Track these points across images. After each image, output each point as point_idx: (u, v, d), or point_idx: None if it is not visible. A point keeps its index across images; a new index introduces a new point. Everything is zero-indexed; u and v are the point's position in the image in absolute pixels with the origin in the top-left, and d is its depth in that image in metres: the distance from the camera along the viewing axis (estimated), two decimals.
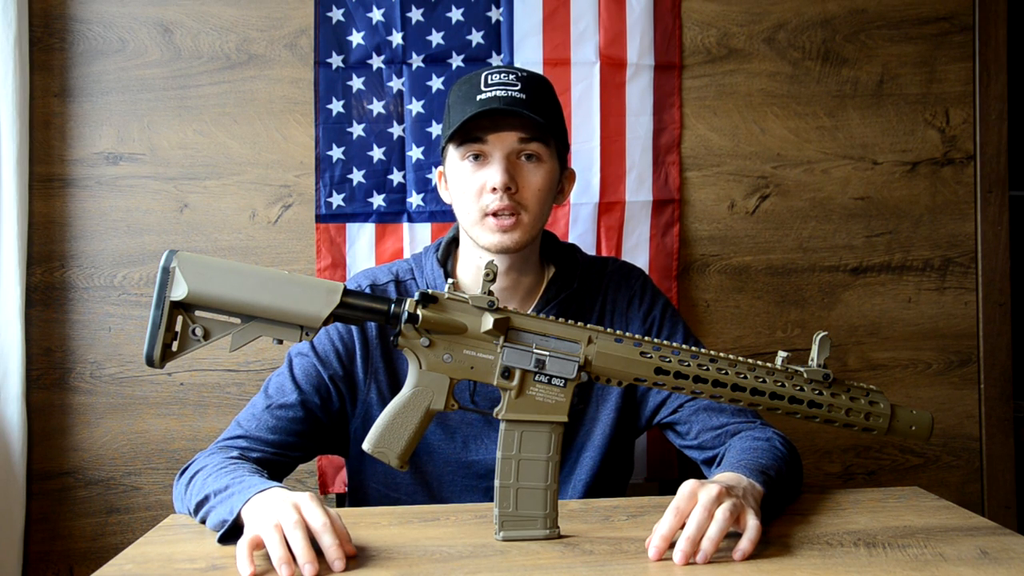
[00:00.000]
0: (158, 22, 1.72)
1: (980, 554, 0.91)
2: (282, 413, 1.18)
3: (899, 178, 1.85)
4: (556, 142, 1.21)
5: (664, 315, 1.30)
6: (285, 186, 1.74)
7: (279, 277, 0.93)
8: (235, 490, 0.97)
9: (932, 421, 1.00)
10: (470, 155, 1.18)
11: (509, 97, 1.15)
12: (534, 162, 1.18)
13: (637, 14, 1.76)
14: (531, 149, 1.18)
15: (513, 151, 1.17)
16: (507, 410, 0.96)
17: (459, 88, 1.21)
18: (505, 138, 1.16)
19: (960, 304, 1.86)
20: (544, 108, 1.18)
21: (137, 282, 1.72)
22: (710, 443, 1.21)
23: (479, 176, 1.17)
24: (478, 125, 1.16)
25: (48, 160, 1.71)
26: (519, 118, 1.15)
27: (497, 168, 1.16)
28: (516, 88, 1.16)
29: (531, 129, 1.17)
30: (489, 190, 1.16)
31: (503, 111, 1.14)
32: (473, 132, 1.16)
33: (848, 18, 1.83)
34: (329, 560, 0.86)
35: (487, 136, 1.16)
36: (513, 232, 1.17)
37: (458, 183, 1.20)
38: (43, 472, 1.70)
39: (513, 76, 1.18)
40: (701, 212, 1.81)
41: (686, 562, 0.87)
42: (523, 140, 1.17)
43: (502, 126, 1.16)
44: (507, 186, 1.15)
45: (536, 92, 1.18)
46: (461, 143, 1.18)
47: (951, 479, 1.86)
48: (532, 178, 1.18)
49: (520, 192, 1.17)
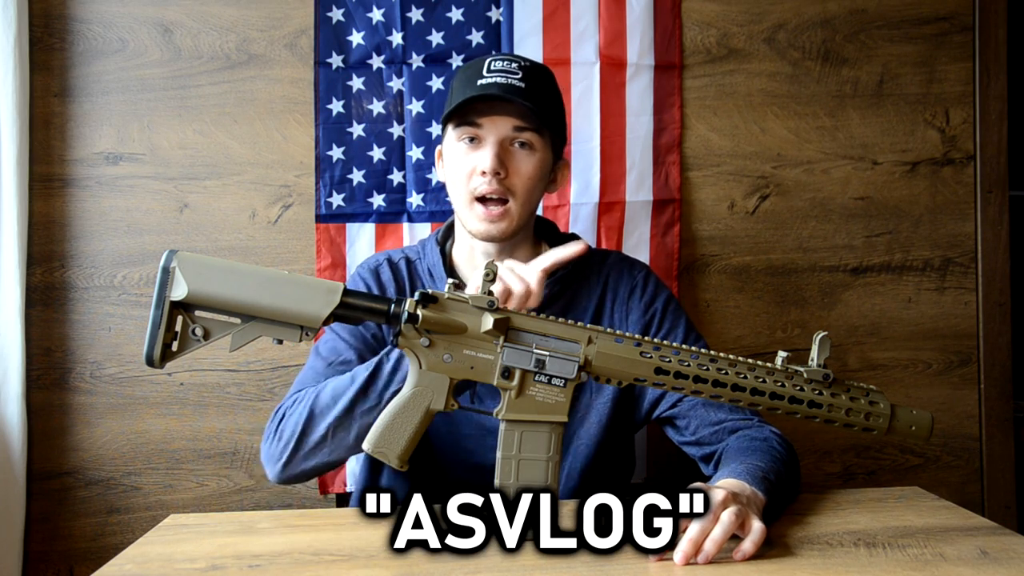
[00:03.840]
0: (158, 22, 1.72)
1: (980, 554, 0.91)
2: (344, 368, 1.19)
3: (899, 178, 1.85)
4: (551, 132, 1.23)
5: (666, 309, 1.30)
6: (285, 186, 1.74)
7: (279, 277, 0.93)
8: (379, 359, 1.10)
9: (932, 421, 1.00)
10: (465, 137, 1.21)
11: (508, 84, 1.17)
12: (526, 150, 1.21)
13: (637, 14, 1.76)
14: (524, 137, 1.20)
15: (507, 137, 1.20)
16: (507, 410, 0.96)
17: (464, 71, 1.24)
18: (499, 123, 1.19)
19: (960, 304, 1.86)
20: (542, 98, 1.20)
21: (137, 282, 1.72)
22: (708, 439, 1.21)
23: (471, 158, 1.20)
24: (475, 108, 1.19)
25: (48, 160, 1.71)
26: (514, 105, 1.18)
27: (489, 152, 1.18)
28: (517, 76, 1.19)
29: (526, 117, 1.19)
30: (479, 173, 1.19)
31: (500, 97, 1.17)
32: (469, 115, 1.19)
33: (848, 18, 1.83)
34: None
35: (482, 120, 1.19)
36: (500, 222, 1.20)
37: (452, 163, 1.23)
38: (43, 472, 1.70)
39: (515, 64, 1.21)
40: (701, 212, 1.81)
41: (687, 562, 0.87)
42: (517, 128, 1.19)
43: (497, 111, 1.19)
44: (496, 171, 1.18)
45: (536, 82, 1.20)
46: (457, 124, 1.21)
47: (951, 479, 1.86)
48: (522, 165, 1.21)
49: (509, 178, 1.20)
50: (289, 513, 1.09)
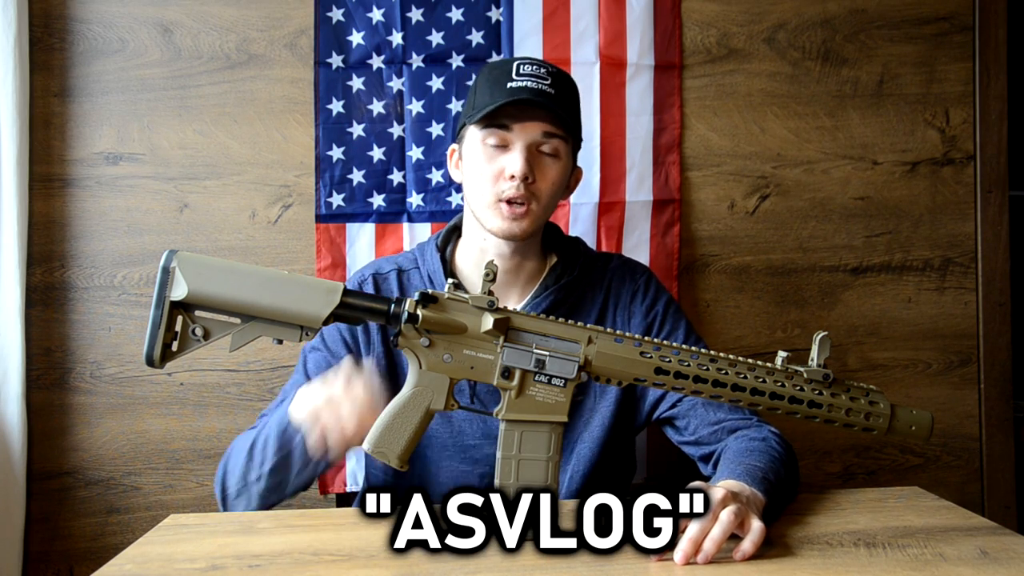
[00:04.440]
0: (158, 22, 1.72)
1: (980, 554, 0.91)
2: None
3: (899, 178, 1.85)
4: (574, 141, 1.24)
5: (667, 311, 1.30)
6: (285, 186, 1.74)
7: (279, 277, 0.93)
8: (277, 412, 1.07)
9: (932, 421, 1.00)
10: (492, 139, 1.20)
11: (539, 89, 1.18)
12: (552, 157, 1.21)
13: (637, 14, 1.76)
14: (552, 144, 1.20)
15: (535, 143, 1.20)
16: (507, 410, 0.96)
17: (489, 72, 1.23)
18: (530, 128, 1.19)
19: (960, 304, 1.86)
20: (569, 106, 1.21)
21: (137, 282, 1.72)
22: (707, 439, 1.21)
23: (499, 162, 1.20)
24: (505, 112, 1.18)
25: (48, 160, 1.71)
26: (546, 111, 1.18)
27: (519, 157, 1.18)
28: (547, 82, 1.19)
29: (556, 124, 1.19)
30: (507, 177, 1.18)
31: (533, 102, 1.16)
32: (499, 118, 1.19)
33: (848, 18, 1.83)
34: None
35: (513, 124, 1.19)
36: (522, 220, 1.20)
37: (474, 165, 1.22)
38: (43, 472, 1.70)
39: (544, 70, 1.21)
40: (701, 212, 1.81)
41: (687, 562, 0.87)
42: (547, 134, 1.19)
43: (529, 116, 1.18)
44: (526, 176, 1.18)
45: (564, 89, 1.21)
46: (485, 126, 1.20)
47: (951, 479, 1.86)
48: (549, 172, 1.21)
49: (536, 183, 1.20)
50: (289, 513, 1.09)
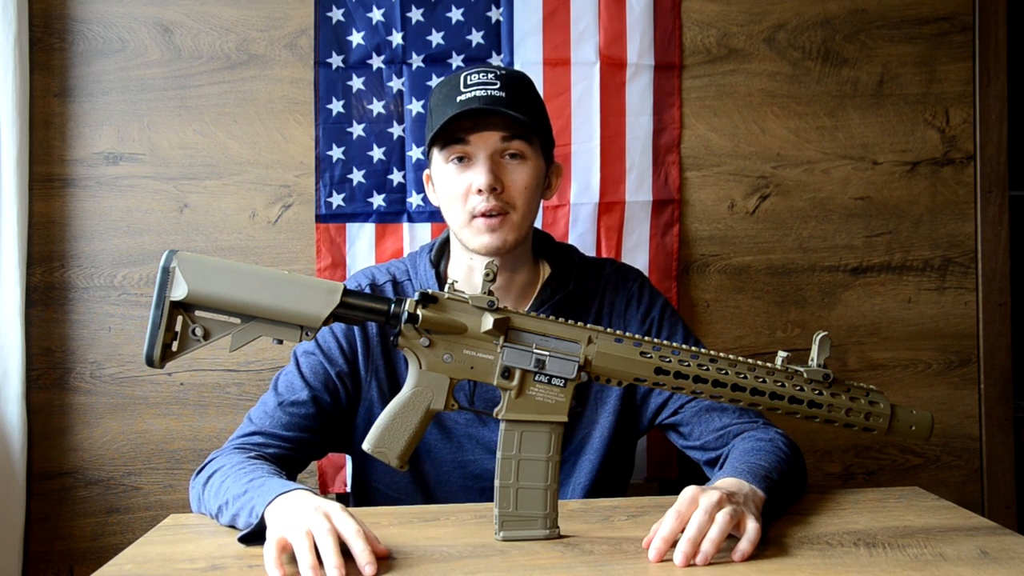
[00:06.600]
0: (158, 22, 1.72)
1: (980, 554, 0.91)
2: (294, 410, 1.18)
3: (899, 178, 1.85)
4: (540, 138, 1.20)
5: (663, 315, 1.30)
6: (285, 186, 1.74)
7: (279, 277, 0.94)
8: (255, 494, 0.97)
9: (932, 421, 1.00)
10: (454, 157, 1.18)
11: (489, 96, 1.14)
12: (518, 160, 1.18)
13: (637, 14, 1.76)
14: (514, 148, 1.17)
15: (496, 150, 1.17)
16: (507, 410, 0.97)
17: (439, 90, 1.20)
18: (487, 138, 1.16)
19: (960, 304, 1.86)
20: (525, 105, 1.17)
21: (137, 282, 1.72)
22: (713, 444, 1.20)
23: (464, 178, 1.17)
24: (460, 127, 1.15)
25: (48, 160, 1.71)
26: (500, 117, 1.15)
27: (482, 169, 1.15)
28: (495, 87, 1.15)
29: (513, 127, 1.16)
30: (475, 191, 1.16)
31: (484, 111, 1.13)
32: (455, 133, 1.16)
33: (848, 18, 1.83)
34: (360, 565, 0.85)
35: (469, 137, 1.16)
36: (501, 231, 1.17)
37: (444, 186, 1.19)
38: (43, 472, 1.70)
39: (492, 75, 1.17)
40: (701, 212, 1.81)
41: (687, 563, 0.87)
42: (506, 139, 1.16)
43: (483, 126, 1.15)
44: (492, 187, 1.15)
45: (516, 90, 1.17)
46: (444, 145, 1.18)
47: (951, 479, 1.86)
48: (517, 177, 1.17)
49: (506, 191, 1.17)
50: None
